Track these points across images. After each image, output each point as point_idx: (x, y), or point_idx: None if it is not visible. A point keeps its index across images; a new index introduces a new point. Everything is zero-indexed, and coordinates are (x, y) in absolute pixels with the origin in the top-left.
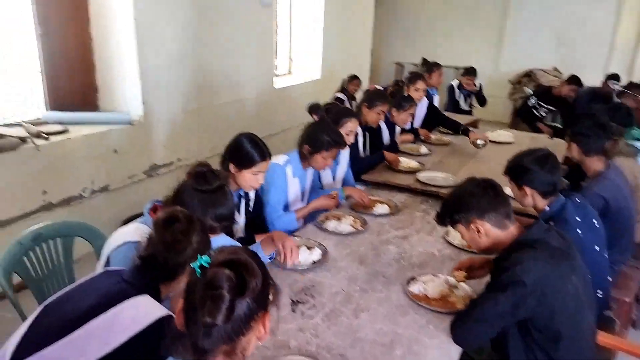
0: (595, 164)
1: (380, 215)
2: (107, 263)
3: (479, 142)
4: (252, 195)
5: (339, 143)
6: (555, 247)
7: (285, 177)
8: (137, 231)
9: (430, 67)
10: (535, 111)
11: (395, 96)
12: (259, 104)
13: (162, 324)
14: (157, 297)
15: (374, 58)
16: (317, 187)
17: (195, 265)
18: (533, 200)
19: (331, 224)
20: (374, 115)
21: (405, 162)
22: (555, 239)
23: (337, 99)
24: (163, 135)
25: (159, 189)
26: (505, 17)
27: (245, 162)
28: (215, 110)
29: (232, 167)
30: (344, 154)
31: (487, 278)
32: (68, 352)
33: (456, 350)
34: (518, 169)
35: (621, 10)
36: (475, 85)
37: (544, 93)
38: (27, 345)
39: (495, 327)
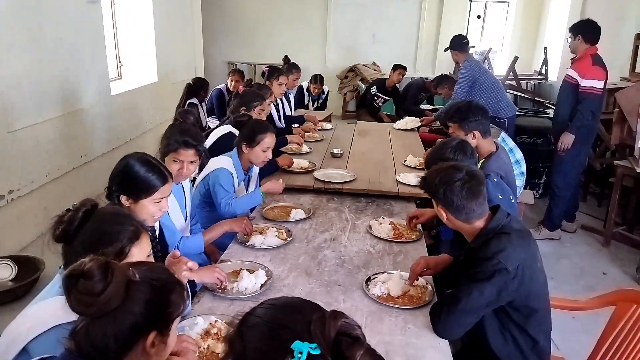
0: (489, 145)
1: (299, 221)
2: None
3: (336, 150)
4: (156, 226)
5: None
6: (521, 230)
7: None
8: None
9: (290, 67)
10: (374, 103)
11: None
12: (98, 114)
13: None
14: None
15: (206, 58)
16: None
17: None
18: None
19: (257, 240)
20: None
21: (297, 162)
22: (515, 221)
23: (191, 104)
24: None
25: None
26: (327, 16)
27: (143, 190)
28: (48, 126)
29: (125, 200)
30: (255, 169)
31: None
32: None
33: (445, 343)
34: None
35: (422, 10)
36: (323, 91)
37: (380, 85)
38: None
39: (480, 315)
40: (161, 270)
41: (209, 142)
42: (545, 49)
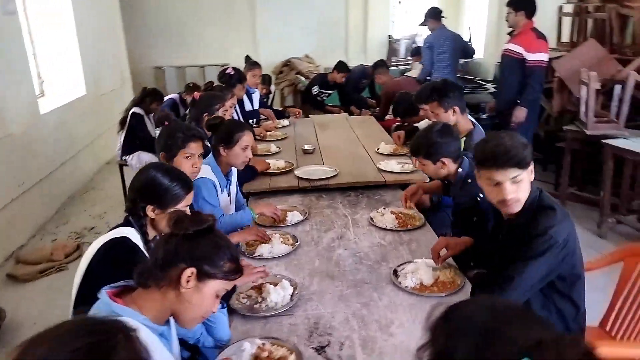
0: (466, 122)
1: (298, 223)
2: None
3: (307, 147)
4: None
5: (190, 135)
6: (556, 202)
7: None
8: None
9: (250, 65)
10: (319, 97)
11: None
12: (29, 137)
13: None
14: None
15: (132, 65)
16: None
17: None
18: (449, 168)
19: (264, 250)
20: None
21: (273, 163)
22: (545, 194)
23: (135, 114)
24: None
25: None
26: (254, 12)
27: (170, 200)
28: None
29: (150, 211)
30: (234, 171)
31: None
32: None
33: None
34: (431, 147)
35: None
36: (270, 91)
37: (322, 81)
38: None
39: (533, 292)
40: (81, 332)
41: None
42: (469, 28)
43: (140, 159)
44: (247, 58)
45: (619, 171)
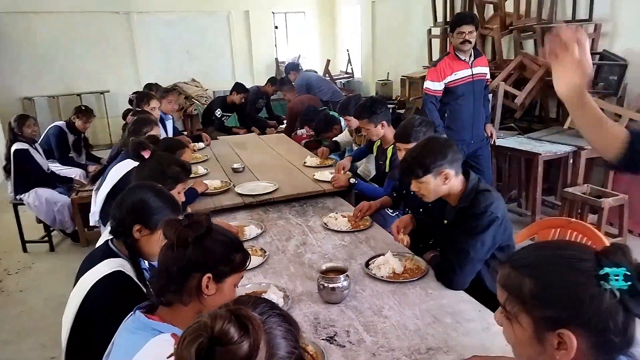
0: (393, 133)
1: (258, 236)
2: None
3: (237, 165)
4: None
5: (187, 170)
6: (490, 186)
7: None
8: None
9: (163, 92)
10: (222, 120)
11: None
12: None
13: None
14: None
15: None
16: None
17: (614, 284)
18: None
19: None
20: None
21: (209, 183)
22: (480, 179)
23: (18, 151)
24: None
25: None
26: (132, 37)
27: (157, 222)
28: None
29: (136, 231)
30: None
31: None
32: None
33: (466, 294)
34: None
35: (230, 24)
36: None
37: (222, 104)
38: None
39: (483, 261)
40: (260, 299)
41: (110, 182)
42: (348, 50)
43: (39, 194)
44: (157, 86)
45: (498, 166)
